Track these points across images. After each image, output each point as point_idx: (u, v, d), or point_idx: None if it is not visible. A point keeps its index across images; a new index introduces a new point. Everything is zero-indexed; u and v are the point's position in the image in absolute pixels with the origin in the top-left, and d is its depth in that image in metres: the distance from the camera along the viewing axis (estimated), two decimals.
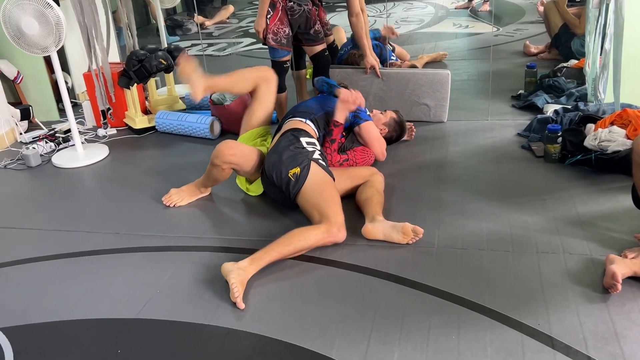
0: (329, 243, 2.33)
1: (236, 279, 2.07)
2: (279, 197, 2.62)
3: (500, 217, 2.48)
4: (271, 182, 2.56)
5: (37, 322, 2.05)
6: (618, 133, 2.80)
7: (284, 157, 2.51)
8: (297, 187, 2.45)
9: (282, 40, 3.40)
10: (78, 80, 4.49)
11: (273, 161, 2.55)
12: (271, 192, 2.67)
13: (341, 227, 2.34)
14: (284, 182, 2.49)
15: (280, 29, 3.37)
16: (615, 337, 1.76)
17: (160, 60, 3.70)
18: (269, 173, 2.56)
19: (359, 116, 2.95)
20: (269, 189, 2.66)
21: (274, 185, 2.55)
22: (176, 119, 3.74)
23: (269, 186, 2.63)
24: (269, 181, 2.58)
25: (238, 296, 2.03)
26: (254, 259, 2.19)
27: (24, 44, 3.15)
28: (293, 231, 2.29)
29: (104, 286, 2.23)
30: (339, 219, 2.35)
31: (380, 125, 3.09)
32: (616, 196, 2.56)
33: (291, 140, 2.59)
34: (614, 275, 1.92)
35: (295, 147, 2.56)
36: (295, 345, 1.83)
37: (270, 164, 2.56)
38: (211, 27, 7.32)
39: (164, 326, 1.98)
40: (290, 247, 2.25)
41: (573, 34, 4.51)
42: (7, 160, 3.54)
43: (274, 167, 2.53)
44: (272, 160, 2.56)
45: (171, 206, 2.80)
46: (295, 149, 2.55)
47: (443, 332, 1.84)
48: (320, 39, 3.57)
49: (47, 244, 2.57)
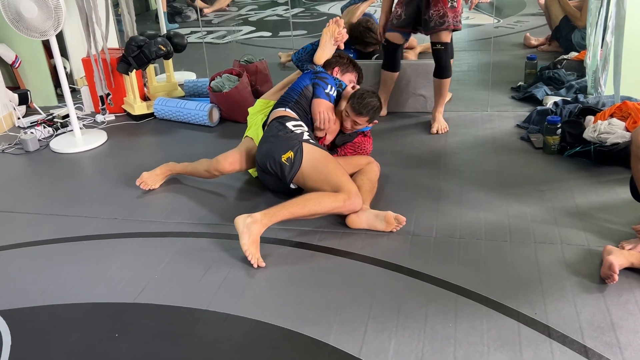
0: (346, 211, 2.37)
1: (247, 243, 2.16)
2: (275, 184, 2.62)
3: (499, 208, 2.48)
4: (265, 171, 2.56)
5: (34, 305, 2.05)
6: (617, 125, 2.80)
7: (275, 145, 2.50)
8: (293, 170, 2.45)
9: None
10: (76, 66, 4.46)
11: (264, 151, 2.55)
12: (267, 181, 2.67)
13: (357, 195, 2.38)
14: (278, 169, 2.48)
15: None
16: (612, 327, 1.77)
17: (159, 47, 3.68)
18: (262, 163, 2.56)
19: (315, 91, 2.69)
20: (264, 178, 2.65)
21: (269, 173, 2.55)
22: (175, 105, 3.73)
23: (264, 175, 2.62)
24: (263, 170, 2.58)
25: (254, 261, 2.16)
26: (267, 214, 2.25)
27: (22, 28, 3.13)
28: (310, 194, 2.34)
29: (101, 270, 2.23)
30: (354, 188, 2.39)
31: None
32: (614, 188, 2.57)
33: (277, 127, 2.57)
34: (611, 266, 1.93)
35: (285, 132, 2.53)
36: (293, 331, 1.84)
37: (262, 154, 2.56)
38: (210, 14, 7.29)
39: (161, 311, 1.99)
40: (304, 210, 2.30)
41: (574, 26, 4.51)
42: (5, 145, 3.53)
43: (266, 156, 2.52)
44: (263, 150, 2.56)
45: (146, 189, 2.82)
46: (284, 134, 2.53)
47: (440, 320, 1.85)
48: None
49: (45, 229, 2.57)
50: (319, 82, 2.72)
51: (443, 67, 3.28)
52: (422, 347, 1.74)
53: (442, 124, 3.35)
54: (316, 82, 2.72)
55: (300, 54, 3.00)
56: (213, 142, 3.43)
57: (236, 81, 3.69)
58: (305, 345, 1.78)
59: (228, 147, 2.85)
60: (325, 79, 2.73)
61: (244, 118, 3.23)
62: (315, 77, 2.75)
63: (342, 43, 2.91)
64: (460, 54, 4.87)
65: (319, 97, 2.67)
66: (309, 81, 2.75)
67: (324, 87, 2.69)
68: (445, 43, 3.21)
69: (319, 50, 2.87)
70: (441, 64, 3.28)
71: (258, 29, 6.40)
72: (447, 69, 3.29)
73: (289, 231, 2.40)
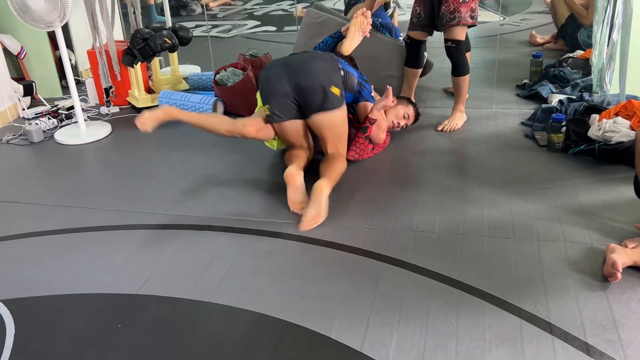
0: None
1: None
2: (286, 103, 2.59)
3: (502, 205, 2.48)
4: (294, 79, 2.54)
5: (38, 295, 2.06)
6: (622, 124, 2.79)
7: (327, 67, 2.58)
8: (337, 104, 2.58)
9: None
10: (82, 58, 4.47)
11: (317, 69, 2.57)
12: (278, 95, 2.59)
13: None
14: (318, 90, 2.54)
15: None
16: (614, 325, 1.77)
17: (164, 40, 3.68)
18: (296, 67, 2.57)
19: (362, 94, 2.88)
20: (278, 89, 2.58)
21: (297, 86, 2.55)
22: (179, 99, 3.73)
23: (283, 84, 2.56)
24: (288, 78, 2.55)
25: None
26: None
27: (28, 19, 3.14)
28: (334, 165, 2.58)
29: (105, 262, 2.24)
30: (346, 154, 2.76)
31: (395, 118, 3.06)
32: (618, 187, 2.57)
33: (333, 62, 2.65)
34: (614, 264, 1.93)
35: (341, 71, 2.64)
36: (295, 325, 1.84)
37: (311, 69, 2.56)
38: (215, 8, 7.28)
39: (164, 302, 1.99)
40: (334, 176, 2.54)
41: (580, 24, 4.49)
42: (10, 136, 3.54)
43: (313, 73, 2.55)
44: (313, 66, 2.57)
45: (142, 130, 2.57)
46: (339, 71, 2.64)
47: (442, 315, 1.85)
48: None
49: (49, 219, 2.58)
50: (367, 85, 2.91)
51: (456, 65, 3.26)
52: (424, 342, 1.75)
53: (453, 123, 3.32)
54: (362, 84, 2.88)
55: (322, 48, 3.03)
56: (217, 136, 3.42)
57: (241, 75, 3.69)
58: (307, 339, 1.78)
59: (232, 140, 2.85)
60: (367, 82, 2.94)
61: (248, 112, 3.22)
62: (363, 79, 2.91)
63: (368, 32, 2.97)
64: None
65: (368, 101, 2.88)
66: (357, 77, 2.84)
67: (370, 90, 2.93)
68: (456, 40, 3.18)
69: (348, 41, 2.92)
70: (454, 62, 3.25)
71: (263, 23, 6.39)
72: (462, 66, 3.26)
73: (292, 225, 2.41)
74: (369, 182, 2.76)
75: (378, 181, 2.78)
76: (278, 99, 2.59)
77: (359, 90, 2.86)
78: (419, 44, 3.40)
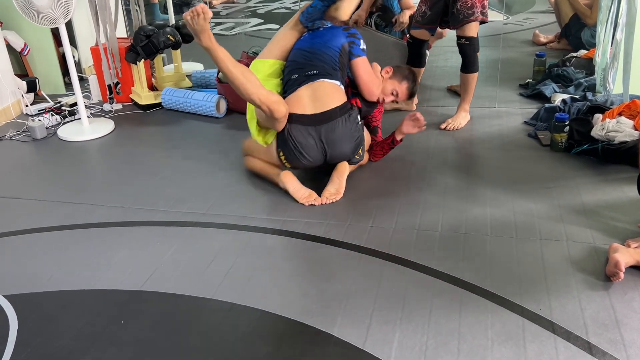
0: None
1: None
2: (316, 162, 2.62)
3: (505, 204, 2.48)
4: (328, 152, 2.59)
5: (41, 291, 2.07)
6: (626, 124, 2.79)
7: (350, 144, 2.62)
8: (358, 160, 2.70)
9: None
10: (85, 55, 4.47)
11: (339, 152, 2.61)
12: (306, 162, 2.60)
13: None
14: (345, 157, 2.65)
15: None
16: (616, 324, 1.77)
17: (168, 37, 3.68)
18: (332, 157, 2.61)
19: (352, 51, 2.68)
20: (309, 158, 2.58)
21: (327, 155, 2.61)
22: (182, 96, 3.74)
23: (316, 156, 2.59)
24: (322, 152, 2.59)
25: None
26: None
27: (32, 15, 3.14)
28: (342, 169, 2.64)
29: (108, 258, 2.24)
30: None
31: (382, 94, 2.81)
32: (621, 186, 2.56)
33: (354, 130, 2.63)
34: (617, 263, 1.93)
35: (358, 132, 2.65)
36: (298, 322, 1.85)
37: (337, 152, 2.60)
38: (218, 6, 7.28)
39: (167, 299, 2.00)
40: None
41: (583, 24, 4.48)
42: (13, 132, 3.54)
43: (340, 156, 2.63)
44: (339, 149, 2.60)
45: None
46: (357, 133, 2.64)
47: (444, 313, 1.85)
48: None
49: (52, 215, 2.58)
50: (354, 39, 2.70)
51: (468, 62, 3.25)
52: (426, 340, 1.75)
53: (457, 122, 3.31)
54: (352, 41, 2.69)
55: (310, 13, 2.72)
56: (220, 133, 3.43)
57: None
58: (309, 336, 1.79)
59: (235, 138, 2.86)
60: (356, 33, 2.73)
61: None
62: (348, 33, 2.71)
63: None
64: None
65: (360, 56, 2.69)
66: (344, 39, 2.68)
67: (359, 44, 2.70)
68: (470, 37, 3.17)
69: (346, 3, 2.60)
70: (466, 59, 3.25)
71: (266, 21, 6.39)
72: (473, 63, 3.25)
73: (295, 223, 2.41)
74: (371, 180, 2.76)
75: (381, 179, 2.78)
76: (304, 164, 2.62)
77: (350, 50, 2.68)
78: (421, 44, 3.40)
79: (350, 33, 2.73)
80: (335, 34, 2.71)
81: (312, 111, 2.55)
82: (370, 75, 2.73)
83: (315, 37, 2.72)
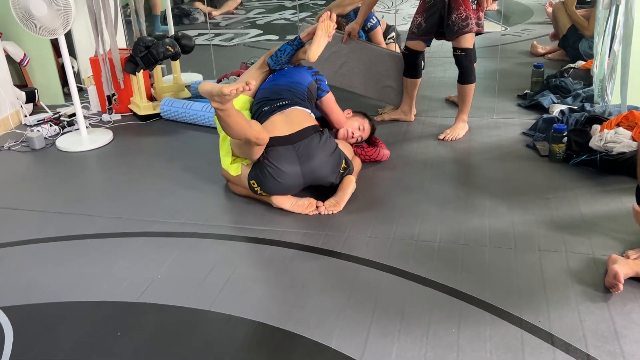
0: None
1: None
2: (295, 184, 2.59)
3: (504, 215, 2.48)
4: (308, 179, 2.58)
5: (38, 302, 2.06)
6: (624, 135, 2.79)
7: (331, 162, 2.60)
8: (347, 171, 2.68)
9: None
10: (84, 65, 4.48)
11: (324, 173, 2.59)
12: (286, 191, 2.59)
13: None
14: (332, 180, 2.63)
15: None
16: (615, 336, 1.76)
17: (167, 48, 3.69)
18: (313, 177, 2.58)
19: (321, 87, 2.89)
20: (287, 179, 2.54)
21: (309, 182, 2.61)
22: (181, 106, 3.74)
23: (293, 180, 2.56)
24: (305, 181, 2.58)
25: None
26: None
27: (31, 26, 3.15)
28: (347, 183, 2.65)
29: (105, 269, 2.23)
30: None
31: (350, 128, 2.98)
32: (620, 197, 2.56)
33: (329, 144, 2.62)
34: (616, 275, 1.92)
35: (335, 149, 2.64)
36: (295, 334, 1.83)
37: (321, 174, 2.58)
38: (218, 17, 7.31)
39: (164, 310, 1.99)
40: (355, 172, 2.76)
41: (581, 35, 4.50)
42: (11, 142, 3.54)
43: (325, 177, 2.60)
44: (323, 170, 2.58)
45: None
46: (335, 150, 2.63)
47: (443, 326, 1.84)
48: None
49: (50, 226, 2.58)
50: (320, 77, 2.93)
51: (464, 73, 3.26)
52: (424, 353, 1.74)
53: (455, 132, 3.32)
54: (319, 78, 2.91)
55: (279, 57, 2.91)
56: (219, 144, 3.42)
57: None
58: (307, 348, 1.77)
59: None
60: (319, 72, 2.96)
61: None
62: (313, 72, 2.92)
63: (331, 37, 2.86)
64: None
65: (328, 91, 2.91)
66: (310, 78, 2.88)
67: (325, 81, 2.93)
68: (465, 49, 3.18)
69: (314, 46, 2.78)
70: (462, 70, 3.26)
71: (265, 32, 6.41)
72: (469, 74, 3.26)
73: (293, 234, 2.40)
74: (370, 190, 2.76)
75: (379, 190, 2.77)
76: (280, 188, 2.57)
77: (318, 86, 2.88)
78: (417, 55, 3.41)
79: (314, 72, 2.94)
80: (301, 72, 2.91)
81: (287, 132, 2.57)
82: (338, 108, 2.95)
83: (281, 75, 2.91)
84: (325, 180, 2.62)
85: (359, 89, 3.74)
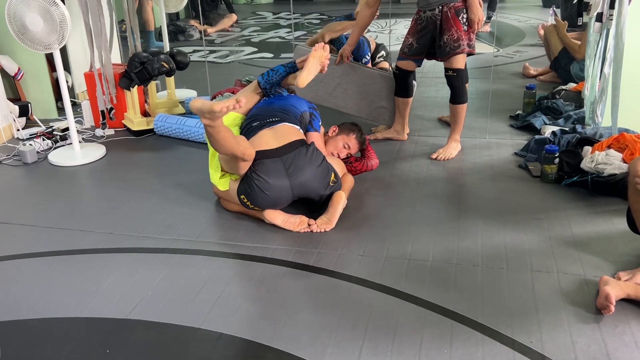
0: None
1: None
2: (284, 197, 2.59)
3: (496, 235, 2.49)
4: (297, 191, 2.58)
5: (26, 318, 2.03)
6: (615, 157, 2.82)
7: (319, 172, 2.60)
8: (337, 185, 2.67)
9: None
10: (78, 80, 4.48)
11: (314, 186, 2.59)
12: (272, 196, 2.57)
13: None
14: (322, 192, 2.63)
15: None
16: (607, 358, 1.76)
17: (162, 64, 3.70)
18: (302, 190, 2.57)
19: (313, 124, 2.92)
20: (275, 192, 2.54)
21: (299, 195, 2.61)
22: (175, 122, 3.74)
23: (281, 192, 2.55)
24: (293, 194, 2.58)
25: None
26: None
27: (27, 40, 3.15)
28: (344, 179, 2.78)
29: (95, 285, 2.21)
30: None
31: (335, 150, 2.95)
32: (611, 219, 2.58)
33: (317, 156, 2.63)
34: (607, 296, 1.92)
35: (322, 161, 2.63)
36: (287, 353, 1.82)
37: (310, 186, 2.58)
38: (213, 34, 7.36)
39: (154, 328, 1.97)
40: (346, 188, 2.78)
41: (572, 58, 4.56)
42: (3, 156, 3.52)
43: (315, 189, 2.60)
44: (313, 184, 2.58)
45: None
46: (322, 162, 2.63)
47: (435, 345, 1.83)
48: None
49: (40, 241, 2.55)
50: (316, 114, 2.97)
51: (456, 93, 3.29)
52: None
53: (447, 152, 3.33)
54: (313, 113, 2.95)
55: (271, 76, 2.93)
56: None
57: None
58: None
59: None
60: (316, 108, 3.01)
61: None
62: (310, 105, 2.98)
63: (325, 68, 2.84)
64: None
65: (317, 131, 2.92)
66: (307, 108, 2.93)
67: (318, 119, 2.96)
68: (457, 69, 3.21)
69: (305, 73, 2.76)
70: (454, 90, 3.29)
71: (260, 49, 6.45)
72: (461, 94, 3.29)
73: (285, 251, 2.39)
74: (362, 209, 2.76)
75: (371, 208, 2.77)
76: (269, 202, 2.57)
77: (310, 120, 2.92)
78: (407, 74, 3.44)
79: (313, 106, 2.99)
80: (299, 100, 2.96)
81: (275, 145, 2.59)
82: (322, 148, 2.87)
83: (277, 99, 2.93)
84: (315, 193, 2.62)
85: (352, 110, 3.77)
